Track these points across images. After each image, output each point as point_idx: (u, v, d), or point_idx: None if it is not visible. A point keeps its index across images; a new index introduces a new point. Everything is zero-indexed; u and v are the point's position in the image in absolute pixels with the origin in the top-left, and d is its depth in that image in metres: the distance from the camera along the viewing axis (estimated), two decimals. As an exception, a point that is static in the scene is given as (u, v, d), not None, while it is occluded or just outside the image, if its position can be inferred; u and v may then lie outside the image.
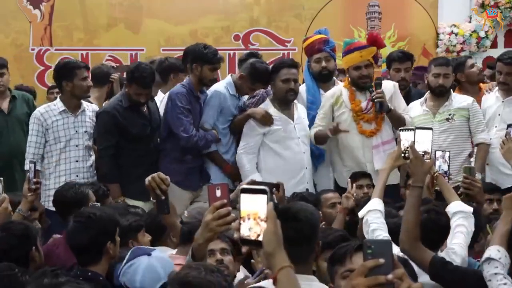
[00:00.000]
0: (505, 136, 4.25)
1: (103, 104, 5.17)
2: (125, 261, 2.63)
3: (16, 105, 5.12)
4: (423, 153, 3.08)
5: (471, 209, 3.33)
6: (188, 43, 5.47)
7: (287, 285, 1.74)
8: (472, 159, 5.01)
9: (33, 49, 7.93)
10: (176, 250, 3.32)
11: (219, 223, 2.27)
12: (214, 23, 8.24)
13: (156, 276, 2.60)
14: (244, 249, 1.79)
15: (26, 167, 4.58)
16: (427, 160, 3.05)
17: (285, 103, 4.73)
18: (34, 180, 3.57)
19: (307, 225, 2.44)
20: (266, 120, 4.64)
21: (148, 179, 2.80)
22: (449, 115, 4.87)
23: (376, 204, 3.25)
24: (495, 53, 8.29)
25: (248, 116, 4.72)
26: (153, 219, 3.67)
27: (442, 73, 4.85)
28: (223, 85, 4.84)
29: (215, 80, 4.87)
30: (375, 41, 4.71)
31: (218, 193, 2.34)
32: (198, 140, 4.64)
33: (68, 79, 4.65)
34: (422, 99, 4.98)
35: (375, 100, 4.58)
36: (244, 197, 1.76)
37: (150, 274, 2.57)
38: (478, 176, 4.69)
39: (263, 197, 1.75)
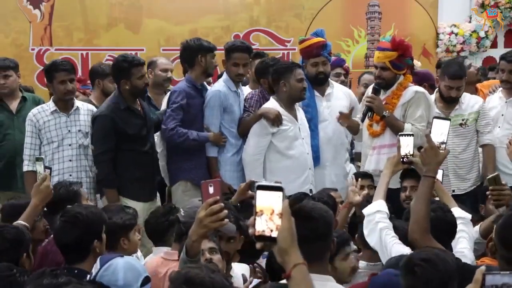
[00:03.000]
0: None
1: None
2: (97, 268, 2.63)
3: (25, 106, 5.14)
4: (439, 144, 3.02)
5: (469, 215, 3.35)
6: (188, 43, 5.47)
7: (301, 282, 1.75)
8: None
9: (33, 49, 7.93)
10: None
11: (213, 219, 2.33)
12: (214, 23, 8.24)
13: (137, 272, 2.63)
14: (258, 245, 1.81)
15: (25, 168, 4.60)
16: (441, 151, 3.01)
17: (294, 102, 4.74)
18: None
19: (322, 222, 2.44)
20: (278, 120, 4.63)
21: None
22: (462, 120, 4.85)
23: (383, 206, 3.27)
24: (495, 53, 8.30)
25: (260, 116, 4.69)
26: (156, 219, 3.68)
27: (455, 87, 4.75)
28: (222, 84, 4.84)
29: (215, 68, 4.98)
30: (397, 47, 4.62)
31: (211, 189, 2.39)
32: (174, 135, 4.63)
33: (49, 81, 4.67)
34: (432, 99, 4.89)
35: (365, 103, 4.61)
36: (260, 194, 1.76)
37: (130, 271, 2.60)
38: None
39: (279, 194, 1.76)
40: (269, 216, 1.75)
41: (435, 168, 2.99)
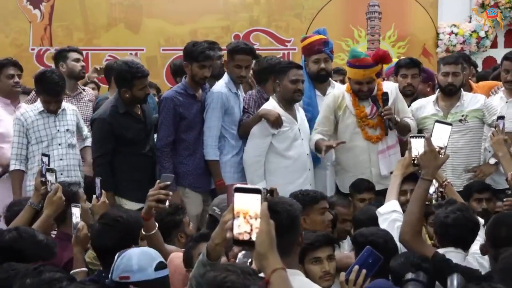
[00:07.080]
0: (495, 128, 4.31)
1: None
2: (115, 261, 2.64)
3: None
4: (439, 148, 3.05)
5: (481, 220, 3.36)
6: (188, 43, 5.47)
7: None
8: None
9: (33, 49, 7.94)
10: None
11: None
12: (214, 22, 8.25)
13: (150, 256, 2.63)
14: (236, 249, 1.76)
15: (12, 167, 4.64)
16: (441, 156, 3.03)
17: (289, 103, 4.69)
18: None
19: (285, 216, 2.45)
20: (279, 121, 4.59)
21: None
22: (462, 116, 4.83)
23: (398, 206, 3.31)
24: (495, 53, 8.31)
25: (260, 117, 4.64)
26: (161, 219, 3.69)
27: (451, 72, 4.80)
28: (223, 85, 4.79)
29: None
30: (381, 59, 4.62)
31: None
32: (160, 157, 4.64)
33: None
34: (434, 98, 4.92)
35: (385, 117, 4.56)
36: (238, 196, 1.74)
37: (144, 256, 2.59)
38: (492, 161, 4.76)
39: (257, 197, 1.73)
40: (246, 219, 1.71)
41: (433, 172, 3.01)
